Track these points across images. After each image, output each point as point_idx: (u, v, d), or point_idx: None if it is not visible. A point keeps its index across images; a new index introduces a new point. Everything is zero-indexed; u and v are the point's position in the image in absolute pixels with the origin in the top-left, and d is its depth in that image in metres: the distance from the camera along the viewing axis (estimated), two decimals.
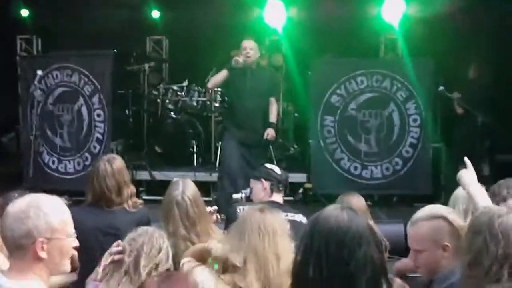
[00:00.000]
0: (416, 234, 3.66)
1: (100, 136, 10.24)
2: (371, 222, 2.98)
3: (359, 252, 2.75)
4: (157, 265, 3.91)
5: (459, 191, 4.93)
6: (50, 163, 10.40)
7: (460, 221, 3.67)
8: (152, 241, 3.97)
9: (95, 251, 5.07)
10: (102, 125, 10.23)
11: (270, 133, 9.20)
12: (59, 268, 3.15)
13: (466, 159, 4.36)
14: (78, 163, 10.30)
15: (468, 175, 4.29)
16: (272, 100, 9.40)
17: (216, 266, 3.89)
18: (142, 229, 4.08)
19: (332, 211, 2.87)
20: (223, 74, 9.23)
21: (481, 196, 4.05)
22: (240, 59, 9.05)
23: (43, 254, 3.03)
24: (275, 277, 3.79)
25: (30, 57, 12.00)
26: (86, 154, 10.27)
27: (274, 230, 3.83)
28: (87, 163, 10.08)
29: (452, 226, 3.60)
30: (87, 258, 5.01)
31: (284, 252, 3.81)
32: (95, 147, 10.25)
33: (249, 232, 3.81)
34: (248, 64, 9.10)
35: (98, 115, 10.24)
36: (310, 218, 2.96)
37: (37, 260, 3.03)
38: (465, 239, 3.16)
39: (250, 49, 9.13)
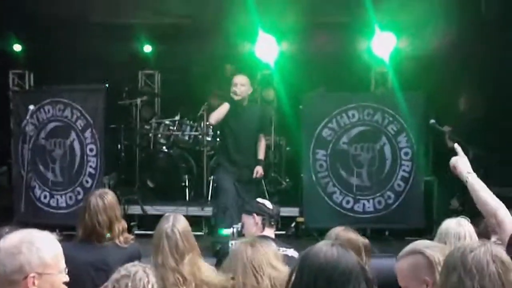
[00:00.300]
0: (399, 271, 3.67)
1: (92, 171, 10.21)
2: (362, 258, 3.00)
3: None
4: None
5: (449, 225, 4.96)
6: (42, 198, 10.37)
7: (438, 255, 3.68)
8: (135, 283, 3.95)
9: (86, 286, 5.07)
10: (94, 159, 10.21)
11: (259, 171, 9.32)
12: None
13: (456, 145, 4.41)
14: (70, 198, 10.27)
15: (462, 162, 4.41)
16: (261, 136, 9.51)
17: None
18: (125, 269, 4.04)
19: (322, 246, 2.89)
20: (225, 108, 9.22)
21: (480, 185, 4.18)
22: (237, 93, 9.11)
23: None
24: None
25: (22, 91, 12.00)
26: (78, 189, 10.24)
27: (271, 264, 3.81)
28: (79, 197, 10.05)
29: (429, 260, 3.59)
30: None
31: (281, 282, 3.79)
32: (87, 182, 10.22)
33: (242, 272, 3.79)
34: (240, 100, 9.14)
35: (91, 150, 10.22)
36: (301, 253, 2.98)
37: None
38: (440, 276, 3.14)
39: (241, 85, 9.18)
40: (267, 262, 3.82)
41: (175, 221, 5.06)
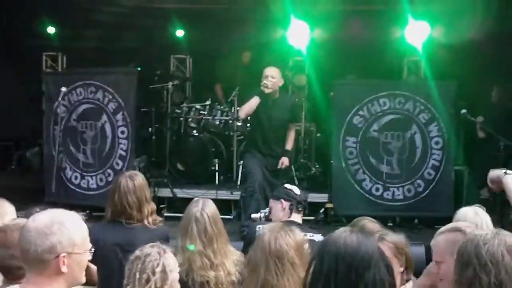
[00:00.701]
0: (436, 245, 3.72)
1: (123, 153, 10.28)
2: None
3: (368, 275, 2.76)
4: (162, 283, 3.99)
5: (466, 214, 4.94)
6: (73, 179, 10.46)
7: None
8: (144, 266, 4.02)
9: (114, 266, 5.12)
10: (125, 142, 10.27)
11: (284, 162, 9.42)
12: (77, 280, 3.22)
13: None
14: (101, 179, 10.35)
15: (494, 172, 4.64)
16: (291, 126, 9.60)
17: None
18: (140, 250, 4.12)
19: (341, 233, 2.89)
20: (254, 102, 9.29)
21: None
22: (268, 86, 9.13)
23: (64, 269, 3.08)
24: None
25: (54, 73, 12.08)
26: (109, 171, 10.32)
27: (292, 262, 3.77)
28: (109, 179, 10.12)
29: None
30: (106, 273, 5.08)
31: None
32: (118, 164, 10.29)
33: (264, 267, 3.75)
34: (271, 93, 9.19)
35: (122, 132, 10.28)
36: (321, 241, 2.98)
37: (57, 274, 3.08)
38: (454, 269, 3.11)
39: (272, 77, 9.21)
40: (292, 259, 3.79)
41: (205, 206, 5.13)
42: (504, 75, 11.00)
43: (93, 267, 5.09)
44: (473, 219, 4.93)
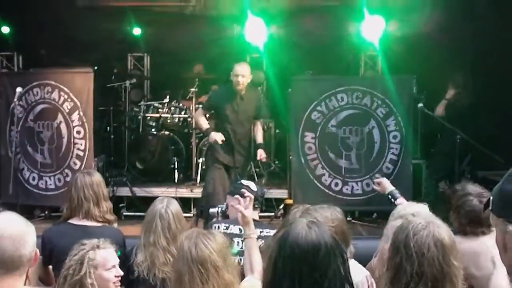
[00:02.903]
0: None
1: (80, 153, 10.19)
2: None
3: (330, 270, 2.81)
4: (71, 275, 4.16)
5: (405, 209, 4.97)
6: (31, 180, 10.35)
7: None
8: (76, 257, 4.18)
9: None
10: (82, 141, 10.18)
11: (262, 154, 9.42)
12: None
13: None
14: (59, 179, 10.26)
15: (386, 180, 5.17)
16: (257, 122, 9.62)
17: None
18: (81, 243, 4.20)
19: (299, 231, 2.89)
20: (204, 126, 9.53)
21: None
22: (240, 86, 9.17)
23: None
24: None
25: (10, 73, 11.94)
26: (67, 171, 10.22)
27: (215, 266, 3.77)
28: (67, 179, 10.04)
29: None
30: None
31: (233, 279, 3.80)
32: (75, 164, 10.20)
33: (189, 278, 3.74)
34: (238, 91, 9.20)
35: (78, 132, 10.19)
36: (278, 238, 2.97)
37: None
38: (388, 254, 3.26)
39: (242, 76, 9.15)
40: (215, 263, 3.78)
41: (169, 203, 5.21)
42: (459, 66, 11.08)
43: (49, 267, 5.08)
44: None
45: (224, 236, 4.01)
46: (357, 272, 4.43)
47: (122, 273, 4.36)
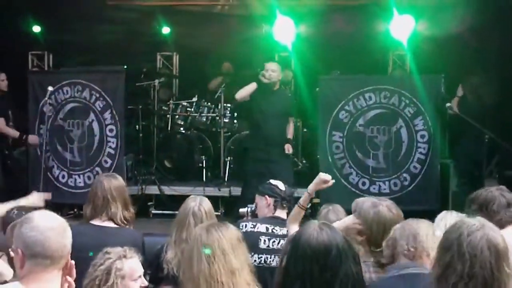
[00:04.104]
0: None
1: (112, 151, 10.29)
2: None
3: (341, 271, 2.83)
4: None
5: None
6: (60, 178, 10.46)
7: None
8: (95, 263, 4.19)
9: (83, 268, 5.11)
10: (114, 140, 10.28)
11: (289, 147, 9.60)
12: None
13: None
14: (89, 177, 10.34)
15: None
16: (290, 119, 9.76)
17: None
18: (104, 252, 4.24)
19: (311, 232, 2.92)
20: (251, 87, 9.51)
21: None
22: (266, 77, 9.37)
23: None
24: None
25: (40, 72, 12.04)
26: (97, 169, 10.31)
27: (222, 249, 3.84)
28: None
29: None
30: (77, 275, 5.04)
31: (240, 266, 3.85)
32: (106, 162, 10.30)
33: (197, 260, 3.82)
34: (270, 84, 9.39)
35: (111, 130, 10.30)
36: (290, 239, 3.01)
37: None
38: (437, 251, 3.23)
39: (272, 71, 9.44)
40: (223, 247, 3.85)
41: (202, 201, 5.34)
42: (487, 67, 11.03)
43: None
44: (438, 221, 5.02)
45: (239, 231, 4.09)
46: None
47: (147, 283, 4.39)
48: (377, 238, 4.45)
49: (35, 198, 5.85)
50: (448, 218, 5.02)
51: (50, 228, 3.23)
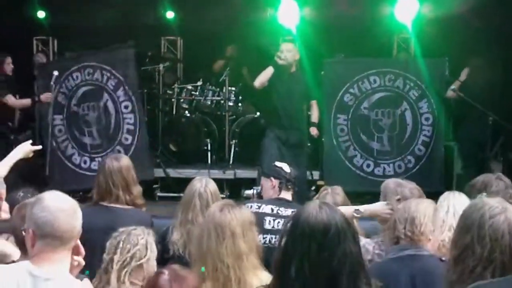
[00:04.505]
0: None
1: (131, 127, 10.25)
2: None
3: (339, 250, 2.83)
4: (131, 258, 4.11)
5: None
6: (82, 164, 10.38)
7: None
8: (128, 238, 4.15)
9: (96, 250, 5.14)
10: (131, 115, 10.25)
11: (314, 130, 9.58)
12: None
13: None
14: None
15: None
16: (313, 102, 9.72)
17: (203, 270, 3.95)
18: (124, 228, 4.25)
19: (311, 210, 2.94)
20: (269, 72, 9.37)
21: None
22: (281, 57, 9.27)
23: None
24: (238, 280, 3.88)
25: (46, 64, 11.90)
26: (118, 147, 10.25)
27: (232, 231, 3.87)
28: None
29: None
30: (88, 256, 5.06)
31: (248, 251, 3.89)
32: (127, 139, 10.26)
33: (207, 238, 3.86)
34: (286, 66, 9.32)
35: (126, 107, 10.29)
36: (290, 218, 3.05)
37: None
38: (455, 231, 3.20)
39: (287, 51, 9.37)
40: (233, 230, 3.90)
41: (208, 183, 5.37)
42: (491, 49, 11.01)
43: None
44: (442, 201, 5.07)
45: (252, 214, 4.12)
46: None
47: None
48: None
49: (25, 148, 5.85)
50: (451, 199, 5.06)
51: (61, 209, 3.29)
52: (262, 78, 9.44)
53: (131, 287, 4.13)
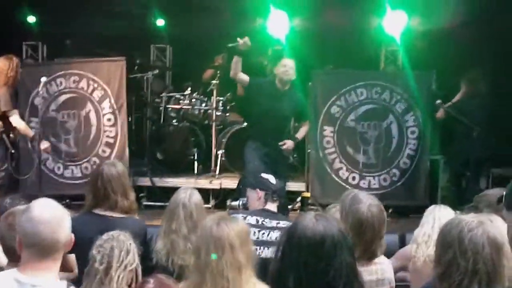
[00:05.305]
0: None
1: (110, 140, 10.32)
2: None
3: (336, 261, 2.89)
4: (125, 267, 4.04)
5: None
6: (56, 169, 10.42)
7: None
8: (120, 244, 4.10)
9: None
10: (113, 129, 10.31)
11: (287, 143, 9.13)
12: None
13: None
14: (86, 168, 10.35)
15: None
16: (304, 123, 9.61)
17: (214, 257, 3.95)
18: (107, 234, 4.22)
19: (307, 222, 2.99)
20: (238, 61, 9.06)
21: None
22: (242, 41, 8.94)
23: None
24: None
25: (32, 64, 11.98)
26: (94, 159, 10.32)
27: (231, 244, 3.90)
28: (95, 167, 10.17)
29: None
30: (82, 265, 5.06)
31: (246, 263, 3.91)
32: (104, 151, 10.31)
33: (205, 252, 3.88)
34: (281, 84, 9.09)
35: (108, 119, 10.34)
36: (287, 229, 3.08)
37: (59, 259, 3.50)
38: (435, 249, 3.27)
39: (290, 68, 9.09)
40: (232, 243, 3.92)
41: (192, 194, 5.42)
42: (479, 63, 11.08)
43: (71, 255, 5.17)
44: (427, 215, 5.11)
45: (247, 226, 4.16)
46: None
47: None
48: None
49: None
50: (436, 212, 5.10)
51: (44, 221, 3.31)
52: (235, 70, 9.07)
53: None
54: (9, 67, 9.39)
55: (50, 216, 3.34)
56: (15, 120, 9.50)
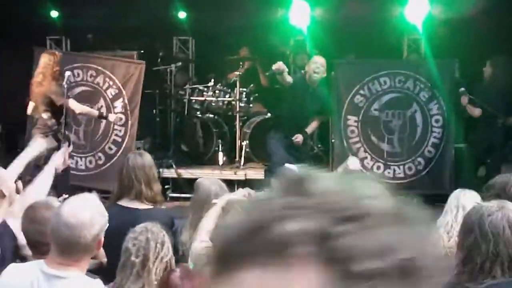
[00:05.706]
0: None
1: (118, 139, 10.38)
2: None
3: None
4: (162, 258, 4.07)
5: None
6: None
7: None
8: (155, 236, 4.13)
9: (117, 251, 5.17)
10: (122, 128, 10.37)
11: (299, 138, 9.34)
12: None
13: None
14: (90, 162, 10.45)
15: None
16: (317, 117, 9.73)
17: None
18: (140, 227, 4.24)
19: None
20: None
21: None
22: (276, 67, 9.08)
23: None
24: None
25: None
26: (100, 154, 10.44)
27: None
28: (100, 162, 10.27)
29: None
30: (109, 258, 5.08)
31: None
32: (110, 149, 10.41)
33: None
34: (312, 81, 9.20)
35: (120, 119, 10.40)
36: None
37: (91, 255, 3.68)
38: (458, 235, 3.43)
39: (322, 65, 9.22)
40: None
41: (221, 186, 5.49)
42: (502, 51, 11.01)
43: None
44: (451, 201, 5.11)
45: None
46: None
47: None
48: None
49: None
50: (461, 198, 5.10)
51: (68, 223, 3.33)
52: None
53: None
54: (54, 61, 9.44)
55: (76, 220, 3.34)
56: (75, 105, 9.45)
